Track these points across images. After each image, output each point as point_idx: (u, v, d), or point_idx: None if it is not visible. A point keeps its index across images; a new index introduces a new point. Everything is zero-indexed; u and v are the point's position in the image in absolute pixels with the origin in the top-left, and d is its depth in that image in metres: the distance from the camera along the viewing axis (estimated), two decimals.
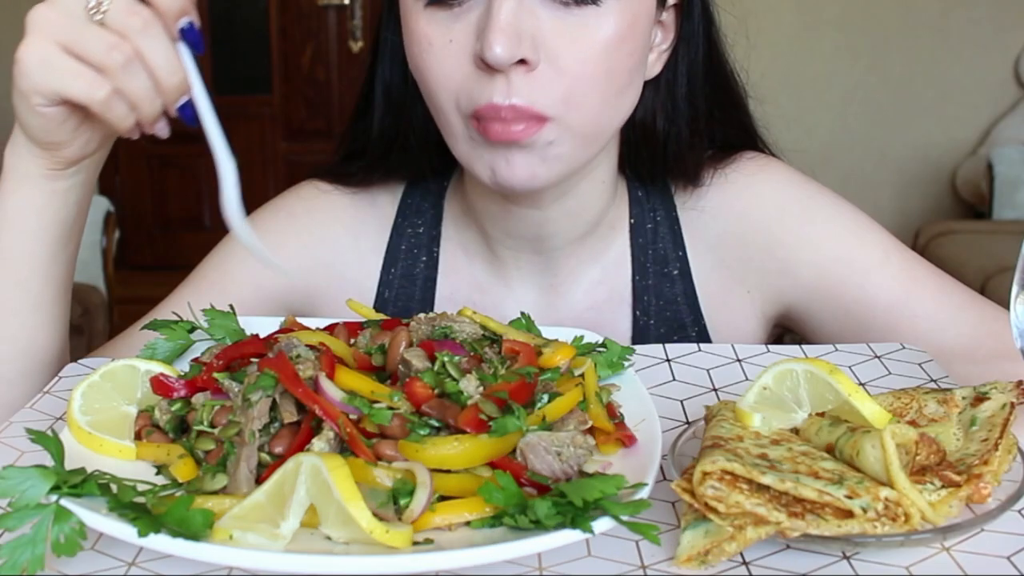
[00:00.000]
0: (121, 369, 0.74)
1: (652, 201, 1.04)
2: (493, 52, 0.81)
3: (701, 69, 0.98)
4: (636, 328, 1.03)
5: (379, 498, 0.59)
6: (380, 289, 1.06)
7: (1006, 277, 0.77)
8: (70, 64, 0.74)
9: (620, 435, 0.69)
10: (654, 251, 1.04)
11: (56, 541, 0.56)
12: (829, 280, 1.01)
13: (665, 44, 0.96)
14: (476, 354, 0.74)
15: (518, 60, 0.82)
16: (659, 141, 0.99)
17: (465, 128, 0.88)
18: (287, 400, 0.66)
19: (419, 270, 1.05)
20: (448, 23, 0.85)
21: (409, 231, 1.06)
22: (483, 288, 1.05)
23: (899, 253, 1.02)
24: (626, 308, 1.04)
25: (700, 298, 1.04)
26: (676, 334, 1.03)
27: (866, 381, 0.84)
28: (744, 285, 1.04)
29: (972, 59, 4.14)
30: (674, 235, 1.04)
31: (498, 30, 0.81)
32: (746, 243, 1.03)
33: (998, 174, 3.84)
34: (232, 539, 0.56)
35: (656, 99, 0.97)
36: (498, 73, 0.83)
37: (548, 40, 0.84)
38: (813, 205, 1.03)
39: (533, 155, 0.87)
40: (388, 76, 0.99)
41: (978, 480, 0.62)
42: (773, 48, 3.24)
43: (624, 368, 0.80)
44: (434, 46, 0.86)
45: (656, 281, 1.04)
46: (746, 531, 0.57)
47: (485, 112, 0.84)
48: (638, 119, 0.97)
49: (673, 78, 0.97)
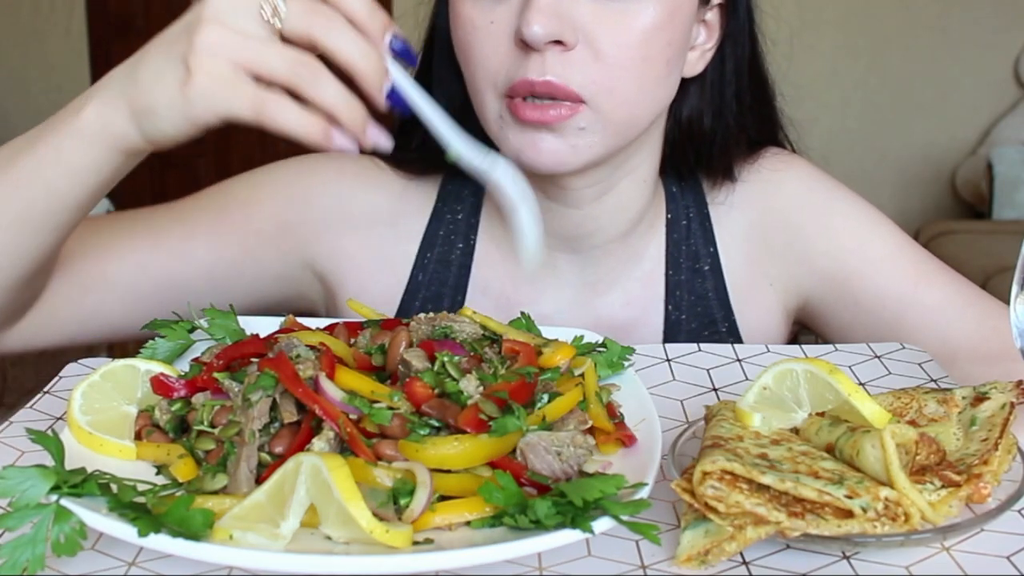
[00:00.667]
0: (121, 369, 0.74)
1: (686, 198, 1.07)
2: (531, 30, 0.83)
3: (747, 67, 1.01)
4: (668, 323, 1.05)
5: (379, 498, 0.59)
6: (414, 272, 1.06)
7: (1006, 277, 0.78)
8: (249, 89, 0.67)
9: (620, 435, 0.69)
10: (687, 247, 1.06)
11: (56, 541, 0.56)
12: (843, 270, 1.04)
13: (710, 43, 0.98)
14: (476, 354, 0.74)
15: (555, 40, 0.85)
16: (706, 139, 1.01)
17: (499, 108, 0.90)
18: (287, 400, 0.66)
19: (455, 256, 1.06)
20: (491, 6, 0.88)
21: (448, 217, 1.07)
22: (517, 284, 1.05)
23: (910, 248, 1.05)
24: (659, 303, 1.05)
25: (731, 294, 1.05)
26: (707, 329, 1.05)
27: (866, 381, 0.84)
28: (767, 277, 1.06)
29: (972, 59, 4.14)
30: (705, 231, 1.06)
31: (537, 10, 0.84)
32: (769, 235, 1.06)
33: (998, 174, 3.84)
34: (232, 539, 0.56)
35: (703, 98, 1.00)
36: (535, 52, 0.85)
37: (587, 24, 0.86)
38: (832, 199, 1.06)
39: (562, 140, 0.88)
40: (439, 65, 1.00)
41: (978, 480, 0.62)
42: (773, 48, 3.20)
43: (624, 368, 0.80)
44: (477, 27, 0.89)
45: (688, 276, 1.05)
46: (746, 531, 0.57)
47: (519, 87, 0.86)
48: (685, 118, 1.00)
49: (720, 77, 1.00)
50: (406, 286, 1.05)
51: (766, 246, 1.06)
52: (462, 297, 1.05)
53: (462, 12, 0.90)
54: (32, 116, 3.92)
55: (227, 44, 0.67)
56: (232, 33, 0.67)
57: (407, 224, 1.07)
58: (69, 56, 4.16)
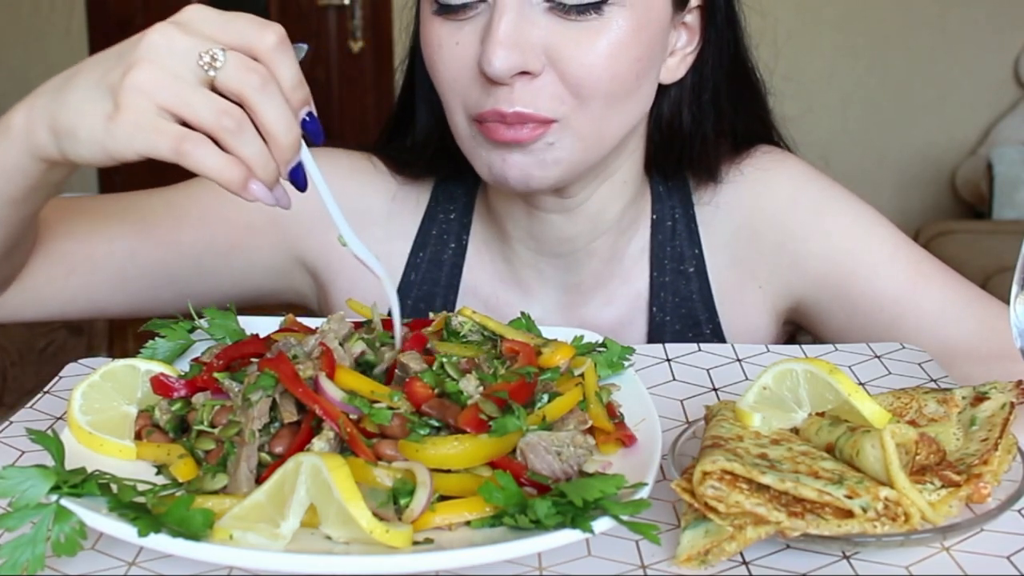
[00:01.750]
0: (121, 369, 0.74)
1: (672, 198, 1.06)
2: (492, 67, 0.83)
3: (726, 71, 1.00)
4: (652, 325, 1.04)
5: (379, 498, 0.59)
6: (407, 271, 1.06)
7: (1006, 277, 0.78)
8: (172, 130, 0.67)
9: (620, 435, 0.69)
10: (672, 248, 1.05)
11: (56, 541, 0.56)
12: (838, 272, 1.02)
13: (690, 47, 0.97)
14: (474, 356, 0.74)
15: (520, 72, 0.84)
16: (685, 140, 1.00)
17: (469, 128, 0.90)
18: (287, 400, 0.66)
19: (447, 256, 1.06)
20: (456, 27, 0.88)
21: (441, 216, 1.07)
22: (506, 284, 1.06)
23: (907, 248, 1.03)
24: (643, 305, 1.05)
25: (715, 295, 1.04)
26: (691, 331, 1.04)
27: (866, 381, 0.84)
28: (756, 280, 1.05)
29: (972, 59, 4.14)
30: (691, 233, 1.05)
31: (496, 43, 0.83)
32: (759, 236, 1.04)
33: (998, 174, 3.83)
34: (232, 539, 0.56)
35: (682, 99, 0.99)
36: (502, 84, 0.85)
37: (551, 47, 0.85)
38: (824, 198, 1.04)
39: (530, 156, 0.88)
40: (421, 78, 1.00)
41: (978, 480, 0.62)
42: (772, 48, 3.21)
43: (624, 368, 0.80)
44: (443, 48, 0.88)
45: (673, 278, 1.04)
46: (746, 531, 0.57)
47: (489, 116, 0.86)
48: (664, 119, 0.99)
49: (699, 80, 0.98)
50: (398, 285, 1.05)
51: (755, 247, 1.04)
52: (454, 296, 1.05)
53: (429, 32, 0.90)
54: None
55: (158, 86, 0.66)
56: (165, 75, 0.66)
57: (400, 223, 1.07)
58: (69, 56, 4.16)
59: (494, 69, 0.83)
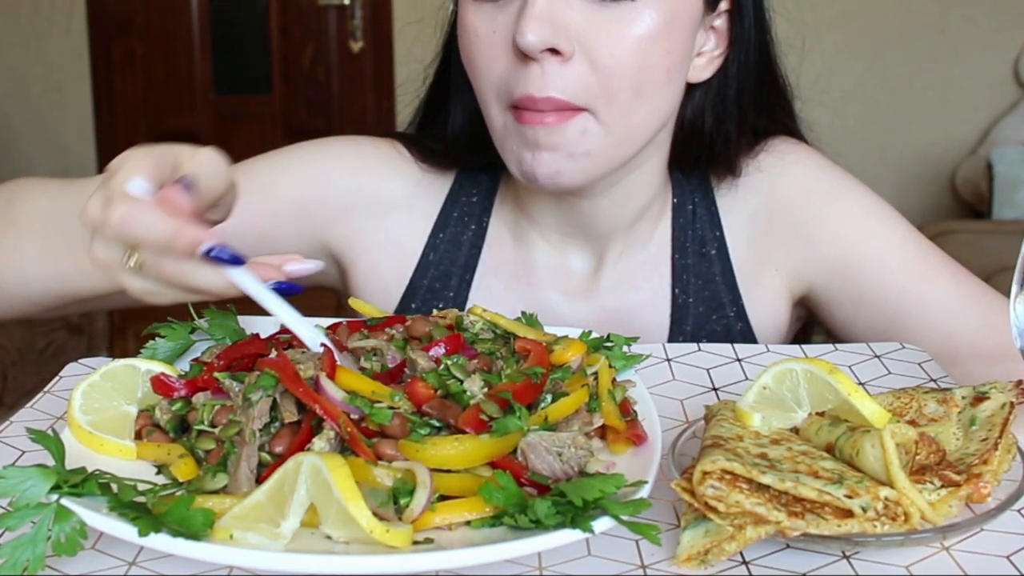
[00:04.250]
0: (121, 369, 0.74)
1: (692, 183, 1.07)
2: (525, 38, 0.84)
3: (752, 74, 1.01)
4: (675, 307, 1.05)
5: (379, 498, 0.59)
6: (425, 251, 1.07)
7: (1006, 277, 0.77)
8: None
9: (630, 434, 0.69)
10: (693, 231, 1.06)
11: (56, 540, 0.56)
12: (848, 259, 1.03)
13: (718, 50, 0.98)
14: (487, 356, 0.74)
15: (551, 49, 0.85)
16: (706, 141, 1.01)
17: (503, 117, 0.92)
18: (287, 399, 0.66)
19: (466, 237, 1.07)
20: (492, 14, 0.90)
21: (463, 199, 1.08)
22: (527, 267, 1.06)
23: (916, 241, 1.05)
24: (666, 288, 1.06)
25: (737, 277, 1.06)
26: (715, 313, 1.05)
27: (866, 381, 0.84)
28: (772, 262, 1.06)
29: (971, 59, 4.14)
30: (711, 216, 1.06)
31: (530, 17, 0.85)
32: (774, 220, 1.05)
33: (998, 174, 3.83)
34: (232, 539, 0.56)
35: (706, 100, 1.00)
36: (533, 62, 0.86)
37: (583, 33, 0.87)
38: (838, 187, 1.06)
39: (560, 150, 0.89)
40: (456, 74, 1.01)
41: (978, 480, 0.62)
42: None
43: (640, 359, 0.80)
44: (480, 37, 0.91)
45: (695, 260, 1.06)
46: (746, 530, 0.57)
47: (522, 103, 0.88)
48: (687, 118, 1.00)
49: (723, 81, 1.00)
50: (416, 265, 1.06)
51: (771, 232, 1.06)
52: (470, 276, 1.06)
53: (468, 21, 0.92)
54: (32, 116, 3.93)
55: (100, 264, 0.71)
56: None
57: (422, 208, 1.08)
58: (69, 56, 4.16)
59: (526, 40, 0.84)
